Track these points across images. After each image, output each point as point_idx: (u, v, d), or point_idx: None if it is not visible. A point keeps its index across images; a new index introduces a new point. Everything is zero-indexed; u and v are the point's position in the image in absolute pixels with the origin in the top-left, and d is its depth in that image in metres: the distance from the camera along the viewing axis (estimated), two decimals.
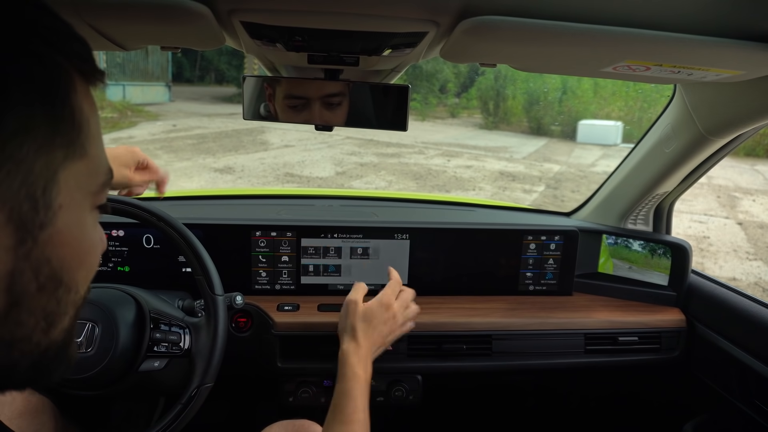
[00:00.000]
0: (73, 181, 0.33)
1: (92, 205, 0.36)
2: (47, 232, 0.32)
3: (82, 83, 0.34)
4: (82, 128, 0.34)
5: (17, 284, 0.31)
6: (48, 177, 0.31)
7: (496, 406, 1.62)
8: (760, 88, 0.82)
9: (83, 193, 0.34)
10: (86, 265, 0.36)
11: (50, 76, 0.31)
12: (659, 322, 1.22)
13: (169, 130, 12.13)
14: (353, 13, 0.59)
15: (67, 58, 0.33)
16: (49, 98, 0.31)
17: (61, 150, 0.32)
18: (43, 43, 0.31)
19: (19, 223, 0.30)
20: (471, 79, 17.84)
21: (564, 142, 13.47)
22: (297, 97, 0.90)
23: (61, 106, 0.32)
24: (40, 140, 0.30)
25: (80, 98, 0.33)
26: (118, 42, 0.70)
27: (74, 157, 0.33)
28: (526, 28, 0.57)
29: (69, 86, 0.33)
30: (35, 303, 0.32)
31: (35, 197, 0.30)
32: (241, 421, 1.51)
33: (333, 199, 1.62)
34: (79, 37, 0.34)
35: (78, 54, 0.33)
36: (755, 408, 1.05)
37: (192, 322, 0.95)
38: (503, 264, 1.29)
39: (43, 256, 0.32)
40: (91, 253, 0.37)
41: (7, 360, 0.33)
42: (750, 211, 7.15)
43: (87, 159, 0.34)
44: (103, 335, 0.88)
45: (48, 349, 0.35)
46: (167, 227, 0.93)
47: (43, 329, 0.34)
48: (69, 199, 0.33)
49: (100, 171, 0.36)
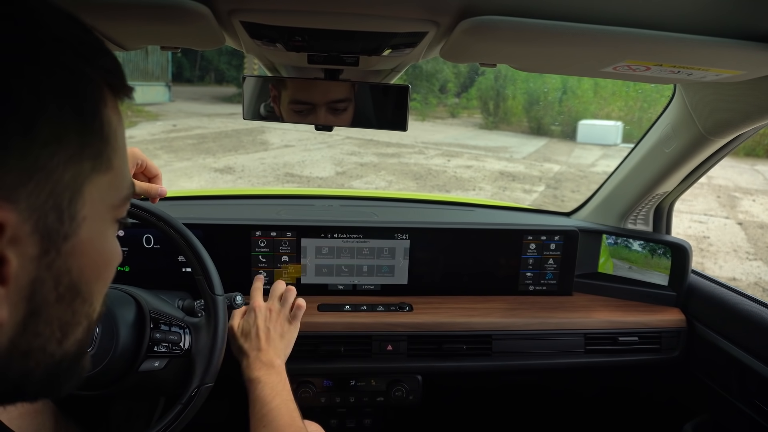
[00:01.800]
0: (97, 193, 0.33)
1: (113, 218, 0.36)
2: (70, 243, 0.32)
3: (111, 97, 0.35)
4: (109, 141, 0.34)
5: (38, 294, 0.31)
6: (75, 188, 0.31)
7: (496, 406, 1.62)
8: (760, 88, 0.82)
9: (106, 206, 0.35)
10: (103, 277, 0.37)
11: (82, 89, 0.32)
12: (659, 322, 1.22)
13: (169, 130, 12.13)
14: (353, 13, 0.59)
15: (97, 72, 0.33)
16: (80, 110, 0.31)
17: (89, 162, 0.32)
18: (76, 57, 0.32)
19: (44, 233, 0.30)
20: (471, 79, 17.84)
21: (564, 142, 13.47)
22: (303, 103, 0.90)
23: (92, 119, 0.32)
24: (71, 151, 0.31)
25: (109, 111, 0.34)
26: (118, 42, 0.70)
27: (100, 169, 0.33)
28: (526, 28, 0.57)
29: (99, 99, 0.33)
30: (53, 313, 0.33)
31: (61, 208, 0.31)
32: (241, 421, 1.50)
33: (333, 199, 1.62)
34: (109, 52, 0.35)
35: (108, 68, 0.34)
36: (755, 408, 1.05)
37: (192, 322, 0.95)
38: (503, 264, 1.29)
39: (65, 266, 0.32)
40: (108, 266, 0.37)
41: (23, 370, 0.33)
42: (750, 211, 7.15)
43: (112, 172, 0.35)
44: (103, 335, 0.88)
45: (62, 360, 0.35)
46: (167, 227, 0.93)
47: (58, 339, 0.34)
48: (92, 211, 0.33)
49: (124, 185, 0.37)
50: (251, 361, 0.92)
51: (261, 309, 1.00)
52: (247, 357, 0.93)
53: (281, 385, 0.89)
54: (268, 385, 0.87)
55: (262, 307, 1.00)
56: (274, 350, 0.94)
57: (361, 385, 1.18)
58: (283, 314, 1.01)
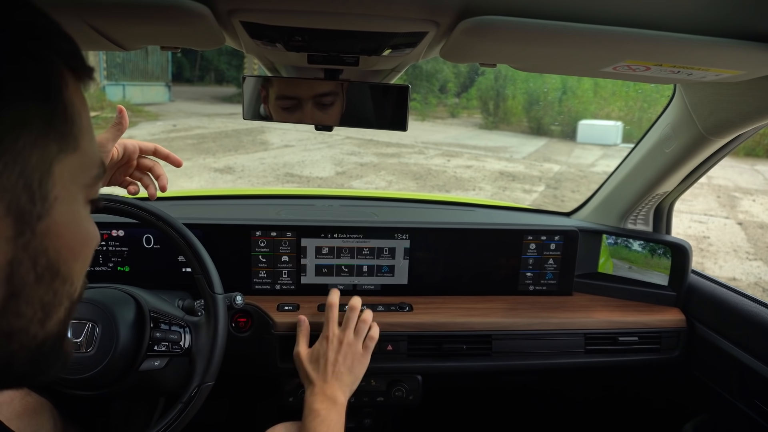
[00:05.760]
0: (67, 173, 0.34)
1: (86, 198, 0.37)
2: (44, 223, 0.33)
3: (73, 79, 0.35)
4: (74, 122, 0.35)
5: (16, 275, 0.32)
6: (44, 169, 0.32)
7: (496, 406, 1.62)
8: (760, 88, 0.82)
9: (77, 186, 0.36)
10: (82, 257, 0.37)
11: (43, 73, 0.32)
12: (659, 322, 1.22)
13: (169, 130, 12.13)
14: (353, 13, 0.59)
15: (58, 56, 0.34)
16: (42, 94, 0.32)
17: (56, 143, 0.33)
18: (36, 42, 0.32)
19: (17, 214, 0.31)
20: (471, 79, 17.83)
21: (564, 142, 13.47)
22: (289, 98, 0.90)
23: (55, 101, 0.33)
24: (36, 134, 0.31)
25: (71, 93, 0.35)
26: (118, 42, 0.70)
27: (68, 150, 0.34)
28: (526, 28, 0.57)
29: (61, 82, 0.34)
30: (33, 293, 0.33)
31: (32, 189, 0.31)
32: (241, 421, 1.51)
33: (333, 199, 1.62)
34: (68, 36, 0.35)
35: (68, 51, 0.35)
36: (755, 408, 1.05)
37: (192, 321, 0.95)
38: (503, 264, 1.29)
39: (41, 246, 0.33)
40: (86, 246, 0.37)
41: (6, 352, 0.33)
42: (750, 211, 7.15)
43: (80, 152, 0.35)
44: (103, 335, 0.88)
45: (45, 340, 0.35)
46: (167, 227, 0.93)
47: (40, 320, 0.34)
48: (64, 191, 0.34)
49: (93, 164, 0.37)
50: (316, 390, 0.93)
51: (333, 340, 0.99)
52: (313, 385, 0.94)
53: (337, 426, 0.89)
54: (326, 422, 0.88)
55: (334, 338, 1.00)
56: (339, 385, 0.95)
57: (361, 385, 1.17)
58: (356, 347, 1.00)
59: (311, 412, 0.89)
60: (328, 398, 0.92)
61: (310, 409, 0.90)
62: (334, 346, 0.99)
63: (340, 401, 0.93)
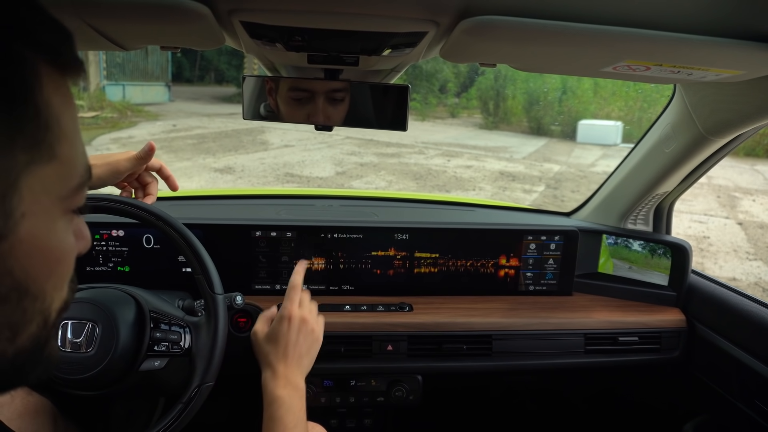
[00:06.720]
0: (39, 186, 0.30)
1: (64, 210, 0.33)
2: (8, 242, 0.29)
3: (53, 77, 0.31)
4: (50, 128, 0.30)
5: None
6: (7, 184, 0.28)
7: (496, 407, 1.62)
8: (760, 88, 0.82)
9: (52, 199, 0.32)
10: (57, 273, 0.34)
11: (9, 71, 0.28)
12: (659, 322, 1.22)
13: (169, 130, 12.13)
14: (353, 13, 0.59)
15: (35, 50, 0.29)
16: (6, 96, 0.28)
17: (24, 153, 0.29)
18: (2, 34, 0.28)
19: None
20: (471, 79, 17.83)
21: (564, 142, 13.46)
22: (302, 90, 0.89)
23: (23, 104, 0.29)
24: None
25: (49, 94, 0.30)
26: (118, 42, 0.70)
27: (41, 160, 0.30)
28: (526, 28, 0.57)
29: (33, 81, 0.29)
30: None
31: None
32: (241, 421, 1.51)
33: (333, 199, 1.62)
34: (52, 25, 0.31)
35: (48, 44, 0.30)
36: (755, 408, 1.05)
37: (192, 321, 0.95)
38: (503, 264, 1.29)
39: (4, 267, 0.29)
40: (62, 261, 0.34)
41: None
42: (750, 211, 7.15)
43: (57, 162, 0.31)
44: (103, 335, 0.88)
45: (17, 355, 0.33)
46: (167, 227, 0.92)
47: (8, 338, 0.32)
48: (34, 206, 0.30)
49: (74, 173, 0.33)
50: (277, 375, 0.87)
51: (295, 319, 0.92)
52: (273, 369, 0.88)
53: (302, 414, 0.85)
54: (291, 410, 0.83)
55: (296, 317, 0.92)
56: (299, 368, 0.90)
57: (361, 385, 1.18)
58: (313, 326, 0.94)
59: (275, 400, 0.83)
60: (290, 383, 0.86)
61: (273, 396, 0.83)
62: (296, 326, 0.91)
63: (300, 387, 0.87)
